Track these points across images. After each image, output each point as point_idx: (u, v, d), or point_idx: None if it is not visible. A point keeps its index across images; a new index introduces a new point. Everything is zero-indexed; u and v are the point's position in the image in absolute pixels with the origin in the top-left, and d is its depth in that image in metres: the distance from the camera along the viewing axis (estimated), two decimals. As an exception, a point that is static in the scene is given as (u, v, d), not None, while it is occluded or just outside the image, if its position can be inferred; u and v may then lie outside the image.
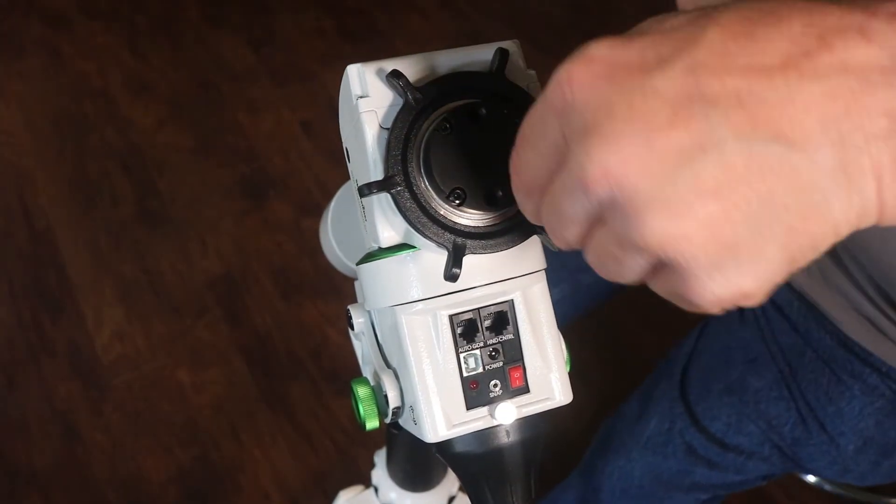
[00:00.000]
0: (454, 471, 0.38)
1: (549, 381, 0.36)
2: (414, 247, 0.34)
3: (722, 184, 0.22)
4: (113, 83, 1.91)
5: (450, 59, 0.34)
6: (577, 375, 0.39)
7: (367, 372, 0.41)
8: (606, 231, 0.25)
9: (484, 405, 0.35)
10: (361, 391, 0.39)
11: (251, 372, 1.42)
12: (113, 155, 1.75)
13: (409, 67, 0.33)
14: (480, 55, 0.35)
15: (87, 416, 1.35)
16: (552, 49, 2.03)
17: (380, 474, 0.68)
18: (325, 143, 1.80)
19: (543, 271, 0.37)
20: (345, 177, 0.40)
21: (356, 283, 0.44)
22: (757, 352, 0.73)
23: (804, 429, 0.69)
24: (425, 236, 0.32)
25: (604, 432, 0.89)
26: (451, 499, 0.68)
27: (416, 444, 0.36)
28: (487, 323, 0.35)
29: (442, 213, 0.32)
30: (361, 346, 0.42)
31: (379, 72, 0.33)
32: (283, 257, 1.59)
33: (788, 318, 0.70)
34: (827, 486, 1.31)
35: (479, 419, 0.35)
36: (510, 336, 0.36)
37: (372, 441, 1.29)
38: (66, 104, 1.85)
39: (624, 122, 0.23)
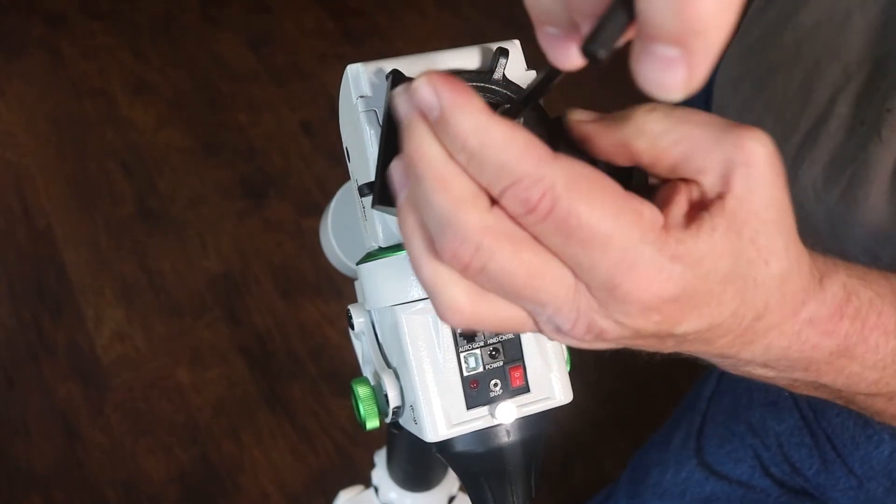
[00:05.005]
0: (454, 470, 0.38)
1: (549, 381, 0.36)
2: (414, 246, 0.34)
3: None
4: (113, 83, 1.91)
5: (450, 59, 0.34)
6: (577, 375, 0.39)
7: (367, 372, 0.41)
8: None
9: (484, 405, 0.35)
10: (362, 391, 0.39)
11: (251, 372, 1.42)
12: (113, 155, 1.75)
13: (409, 67, 0.33)
14: (480, 55, 0.35)
15: (87, 416, 1.35)
16: (552, 49, 2.03)
17: (380, 474, 0.67)
18: (325, 143, 1.80)
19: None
20: (345, 177, 0.40)
21: (356, 283, 0.44)
22: (777, 394, 0.71)
23: (829, 474, 0.68)
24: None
25: (625, 476, 0.87)
26: (452, 499, 0.68)
27: (417, 443, 0.36)
28: (487, 322, 0.35)
29: (442, 212, 0.32)
30: (362, 346, 0.42)
31: (379, 72, 0.33)
32: (283, 257, 1.59)
33: None
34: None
35: (479, 418, 0.35)
36: (510, 335, 0.36)
37: (372, 441, 1.29)
38: (66, 104, 1.85)
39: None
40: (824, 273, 0.31)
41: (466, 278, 0.26)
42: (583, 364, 0.48)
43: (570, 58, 0.25)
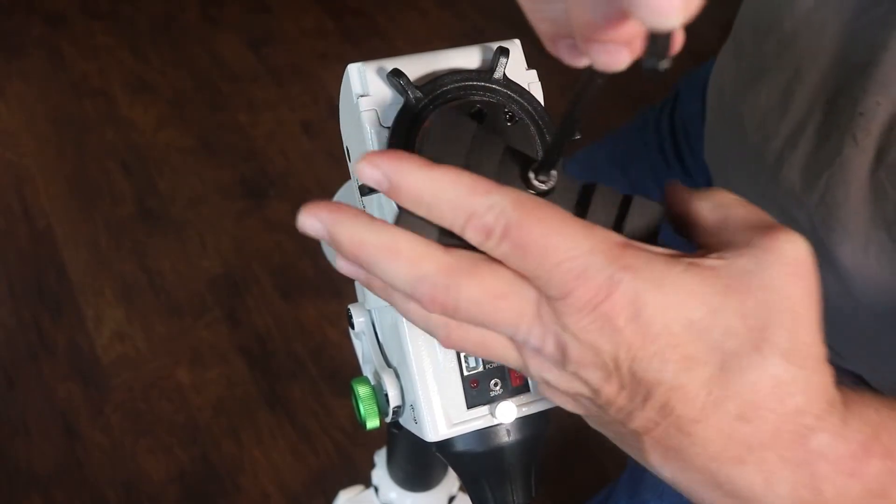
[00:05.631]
0: (454, 470, 0.38)
1: (549, 380, 0.36)
2: (414, 246, 0.34)
3: None
4: (113, 83, 1.91)
5: (450, 59, 0.34)
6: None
7: (367, 371, 0.41)
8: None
9: (484, 404, 0.35)
10: (362, 390, 0.39)
11: (251, 372, 1.42)
12: (113, 155, 1.75)
13: (410, 66, 0.33)
14: (481, 54, 0.35)
15: (87, 416, 1.35)
16: (552, 49, 2.03)
17: (380, 474, 0.67)
18: (325, 143, 1.80)
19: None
20: (345, 177, 0.40)
21: (356, 283, 0.44)
22: None
23: None
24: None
25: (625, 476, 0.87)
26: (452, 499, 0.68)
27: (417, 443, 0.36)
28: (488, 322, 0.35)
29: (442, 212, 0.32)
30: (362, 346, 0.42)
31: (379, 71, 0.33)
32: (283, 257, 1.59)
33: None
34: None
35: (479, 418, 0.35)
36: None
37: (372, 441, 1.29)
38: (66, 104, 1.85)
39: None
40: (847, 406, 0.28)
41: (448, 318, 0.28)
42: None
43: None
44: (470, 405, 0.35)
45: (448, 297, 0.27)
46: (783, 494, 0.27)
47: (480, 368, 0.35)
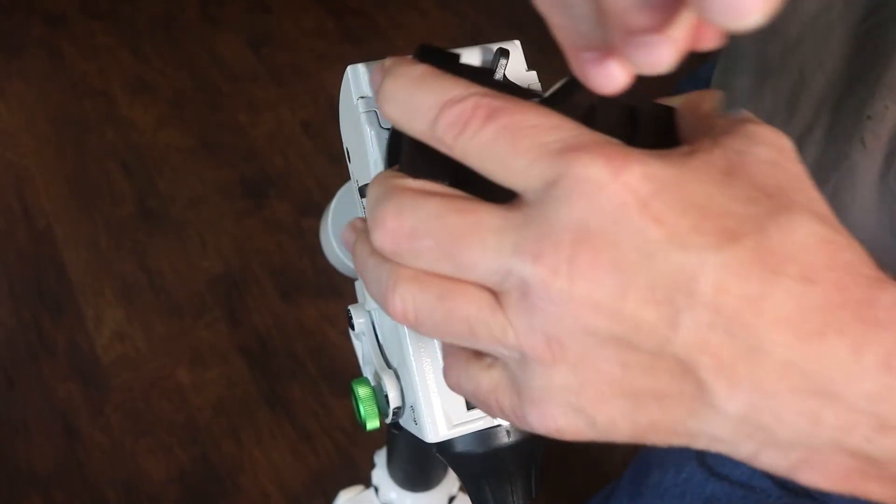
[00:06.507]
0: (455, 471, 0.38)
1: (549, 382, 0.36)
2: (414, 247, 0.34)
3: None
4: (113, 83, 1.91)
5: (450, 60, 0.34)
6: (578, 375, 0.39)
7: (367, 372, 0.41)
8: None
9: (484, 405, 0.35)
10: (362, 391, 0.39)
11: (251, 372, 1.42)
12: (113, 155, 1.75)
13: (410, 68, 0.33)
14: (481, 55, 0.35)
15: (87, 416, 1.35)
16: (552, 49, 2.03)
17: (380, 474, 0.68)
18: (325, 143, 1.80)
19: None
20: (345, 177, 0.40)
21: (356, 283, 0.44)
22: None
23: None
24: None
25: (626, 475, 0.86)
26: (452, 499, 0.68)
27: (417, 444, 0.36)
28: (488, 323, 0.35)
29: (442, 213, 0.32)
30: (362, 347, 0.42)
31: (379, 72, 0.33)
32: (283, 257, 1.59)
33: None
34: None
35: (479, 419, 0.35)
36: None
37: (372, 441, 1.29)
38: (66, 104, 1.85)
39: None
40: None
41: (414, 326, 0.26)
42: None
43: (612, 78, 0.24)
44: (470, 406, 0.35)
45: (407, 252, 0.24)
46: (873, 367, 0.22)
47: (480, 369, 0.35)
